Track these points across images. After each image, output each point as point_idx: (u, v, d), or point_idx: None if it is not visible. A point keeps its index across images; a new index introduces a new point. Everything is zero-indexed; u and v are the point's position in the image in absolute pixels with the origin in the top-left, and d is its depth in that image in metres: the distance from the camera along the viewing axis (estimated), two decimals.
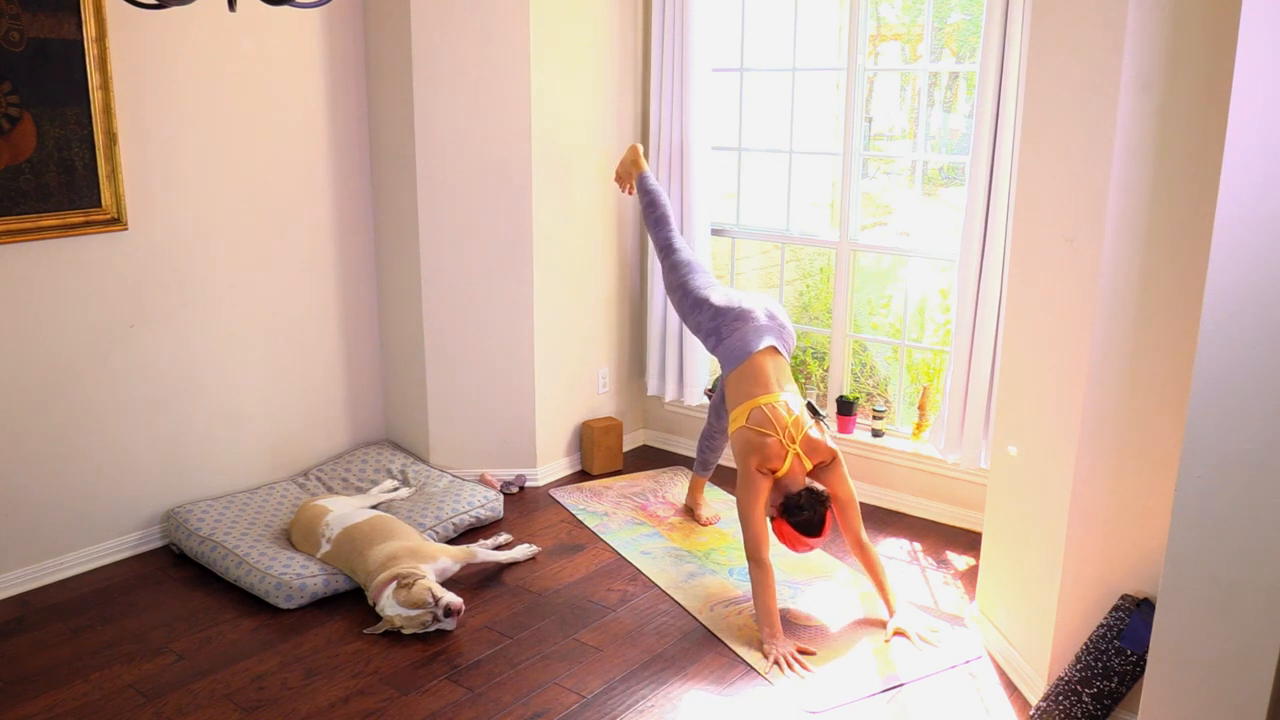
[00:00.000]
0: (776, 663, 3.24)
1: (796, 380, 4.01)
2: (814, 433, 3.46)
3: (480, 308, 4.49)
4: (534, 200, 4.40)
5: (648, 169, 4.38)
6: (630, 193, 4.46)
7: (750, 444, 3.42)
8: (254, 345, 4.25)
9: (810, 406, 3.56)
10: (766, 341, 3.67)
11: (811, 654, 3.31)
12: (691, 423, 5.04)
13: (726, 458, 4.81)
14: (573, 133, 4.54)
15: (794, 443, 3.40)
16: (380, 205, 4.56)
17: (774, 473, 3.39)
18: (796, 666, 3.22)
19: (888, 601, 3.50)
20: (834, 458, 3.45)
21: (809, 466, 3.42)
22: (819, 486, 3.39)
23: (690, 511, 4.37)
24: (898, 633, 3.43)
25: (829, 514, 3.36)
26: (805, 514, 3.33)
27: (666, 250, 4.13)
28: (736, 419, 3.54)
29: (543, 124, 4.38)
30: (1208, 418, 2.15)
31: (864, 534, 3.50)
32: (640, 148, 4.42)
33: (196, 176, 3.95)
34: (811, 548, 3.40)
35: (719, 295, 3.87)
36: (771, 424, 3.42)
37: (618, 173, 4.48)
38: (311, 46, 4.23)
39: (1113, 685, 2.80)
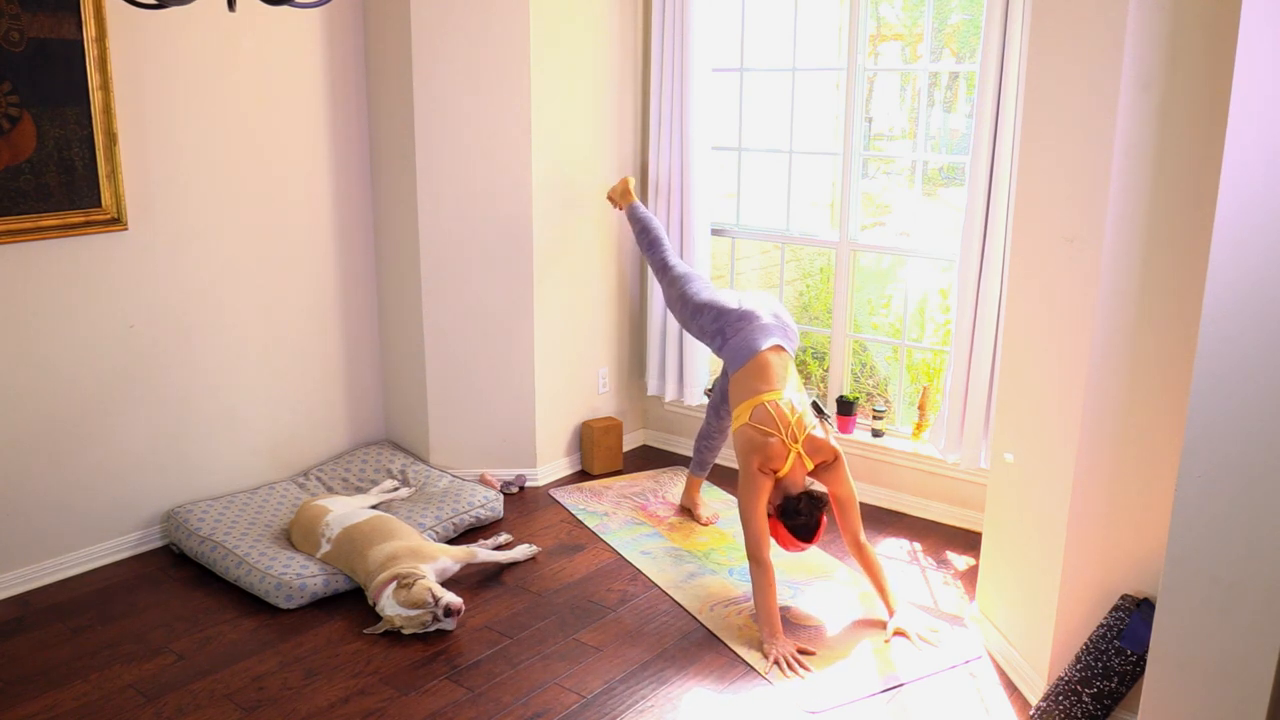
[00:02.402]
0: (776, 663, 3.24)
1: None
2: (817, 432, 3.45)
3: (480, 307, 4.49)
4: (534, 200, 4.40)
5: (637, 200, 4.48)
6: (622, 209, 4.56)
7: (753, 444, 3.41)
8: (254, 345, 4.25)
9: (815, 405, 3.55)
10: (773, 340, 3.67)
11: (811, 654, 3.31)
12: (691, 423, 5.04)
13: (723, 458, 4.82)
14: (573, 133, 4.54)
15: (796, 442, 3.40)
16: (380, 205, 4.56)
17: (775, 472, 3.39)
18: (796, 667, 3.22)
19: (887, 602, 3.50)
20: (836, 457, 3.45)
21: (810, 466, 3.42)
22: (819, 490, 3.39)
23: (688, 511, 4.37)
24: (898, 633, 3.43)
25: (823, 519, 3.38)
26: (801, 519, 3.34)
27: (663, 269, 4.19)
28: (739, 416, 3.53)
29: (543, 124, 4.37)
30: (1208, 418, 2.15)
31: (863, 534, 3.50)
32: (632, 180, 4.54)
33: (196, 176, 3.95)
34: (804, 549, 3.44)
35: (720, 297, 3.88)
36: (774, 422, 3.42)
37: (610, 195, 4.61)
38: (311, 46, 4.24)
39: (1113, 685, 2.80)
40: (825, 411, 3.59)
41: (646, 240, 4.31)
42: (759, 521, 3.38)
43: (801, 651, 3.30)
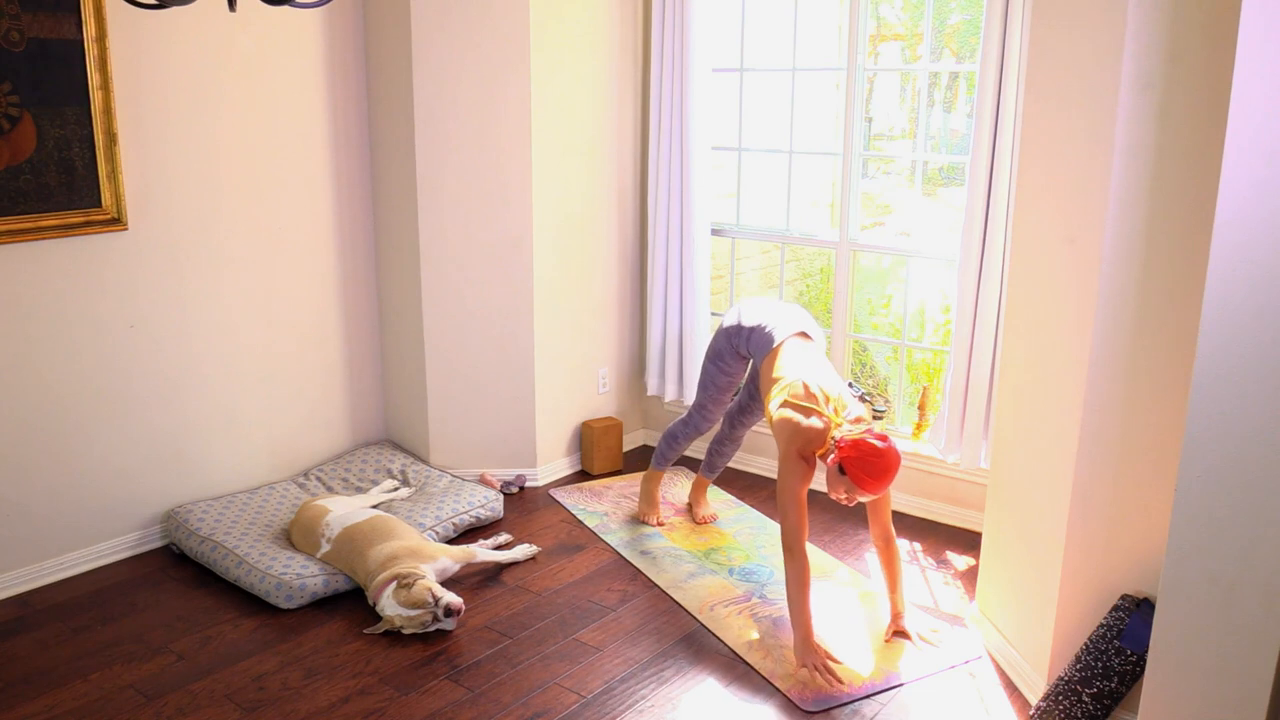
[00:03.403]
0: (804, 666, 3.18)
1: None
2: (859, 410, 3.36)
3: (480, 307, 4.49)
4: (534, 200, 4.40)
5: (657, 474, 4.33)
6: (660, 522, 4.29)
7: (794, 429, 3.29)
8: (254, 345, 4.25)
9: (851, 386, 3.48)
10: (798, 327, 3.63)
11: (837, 662, 3.24)
12: None
13: (733, 460, 4.80)
14: (573, 133, 4.54)
15: (837, 414, 3.29)
16: (380, 205, 4.56)
17: (815, 454, 3.30)
18: (830, 679, 3.14)
19: (895, 602, 3.46)
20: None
21: None
22: None
23: (690, 510, 4.37)
24: (898, 632, 3.42)
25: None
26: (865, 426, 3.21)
27: (687, 419, 4.12)
28: (774, 400, 3.41)
29: (542, 124, 4.38)
30: (1208, 418, 2.15)
31: (892, 528, 3.45)
32: (656, 477, 4.34)
33: (196, 176, 3.95)
34: (889, 461, 3.09)
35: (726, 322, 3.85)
36: (815, 400, 3.31)
37: (641, 513, 4.33)
38: (311, 46, 4.23)
39: (1113, 685, 2.80)
40: (859, 390, 3.50)
41: (680, 441, 4.19)
42: (797, 509, 3.26)
43: (829, 659, 3.23)
